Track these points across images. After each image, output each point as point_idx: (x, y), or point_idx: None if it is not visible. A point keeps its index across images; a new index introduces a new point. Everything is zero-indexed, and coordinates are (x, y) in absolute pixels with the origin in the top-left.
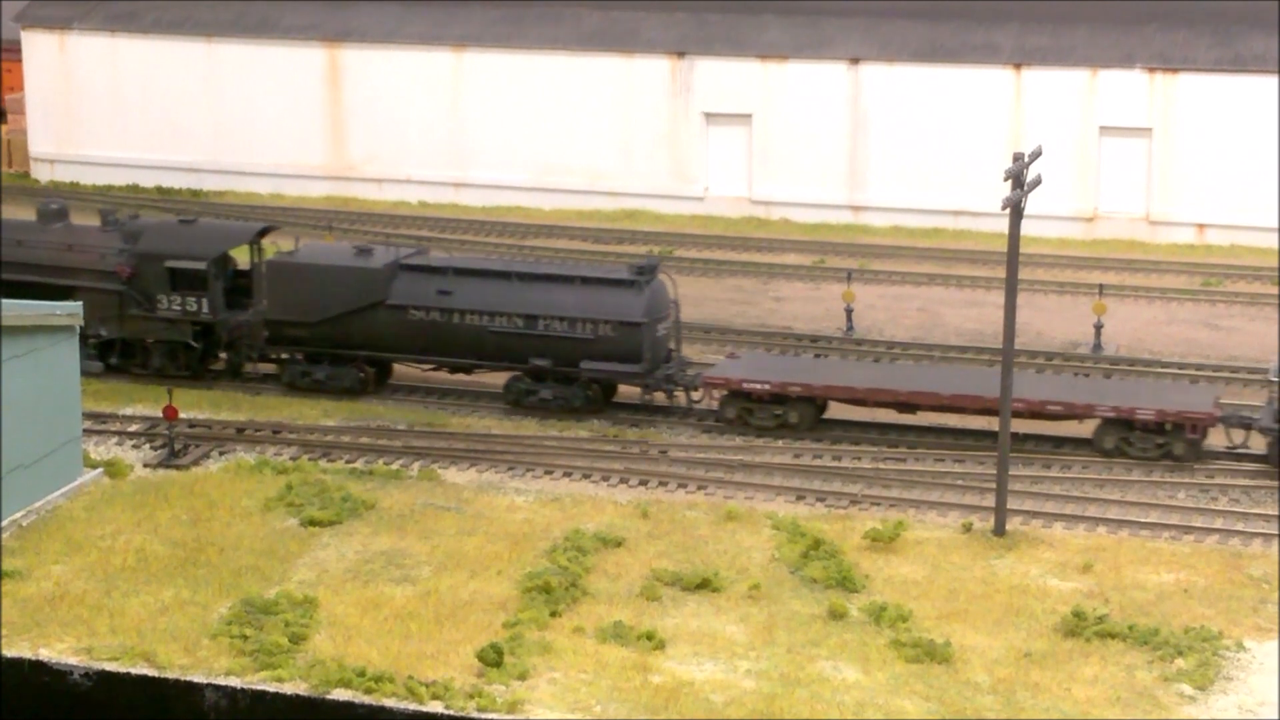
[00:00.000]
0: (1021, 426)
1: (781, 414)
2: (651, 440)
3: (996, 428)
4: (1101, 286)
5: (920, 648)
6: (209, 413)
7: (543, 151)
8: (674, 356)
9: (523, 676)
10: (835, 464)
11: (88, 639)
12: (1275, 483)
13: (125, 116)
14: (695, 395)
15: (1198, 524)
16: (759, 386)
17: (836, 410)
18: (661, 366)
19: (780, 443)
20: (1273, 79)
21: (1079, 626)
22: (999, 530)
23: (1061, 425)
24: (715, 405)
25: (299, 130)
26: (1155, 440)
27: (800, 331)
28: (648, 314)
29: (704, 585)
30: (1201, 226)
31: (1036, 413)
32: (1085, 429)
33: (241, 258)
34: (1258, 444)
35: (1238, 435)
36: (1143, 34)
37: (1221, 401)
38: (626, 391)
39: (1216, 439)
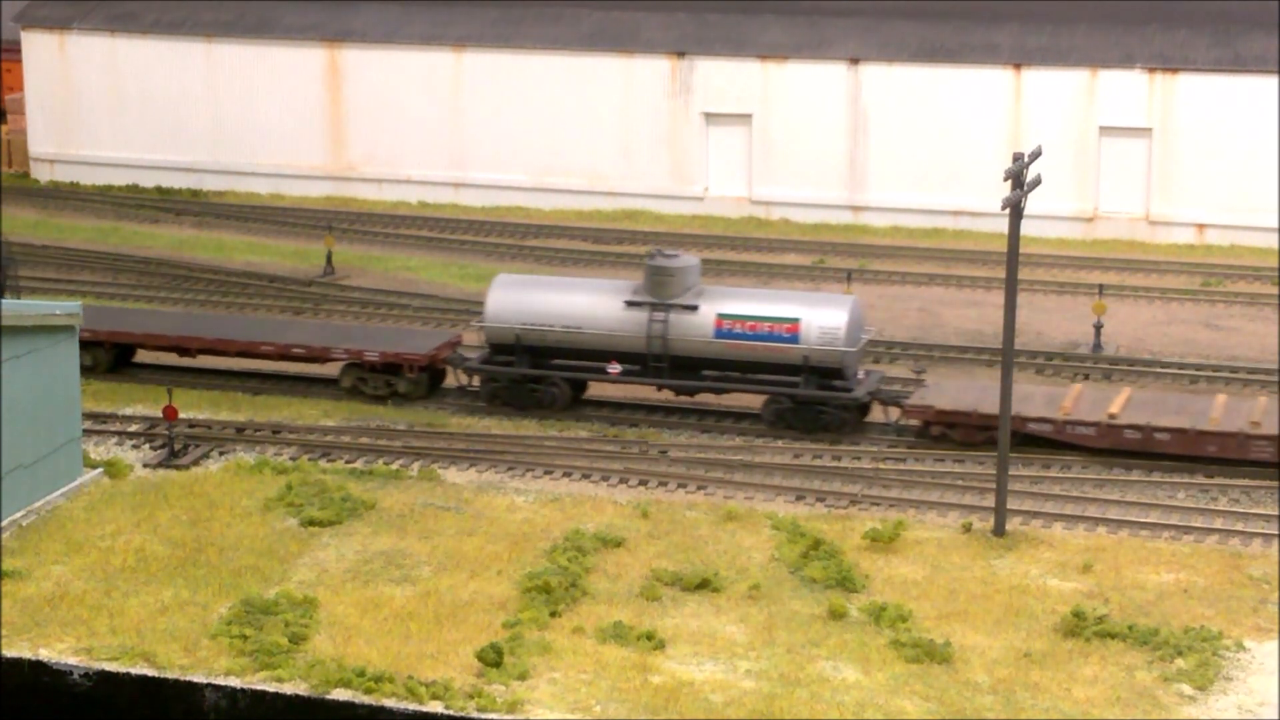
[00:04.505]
0: (272, 368)
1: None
2: (651, 440)
3: (255, 368)
4: (1101, 286)
5: (920, 648)
6: (209, 413)
7: (543, 151)
8: None
9: (523, 676)
10: (835, 464)
11: (88, 639)
12: (1275, 483)
13: (125, 116)
14: None
15: (1198, 524)
16: None
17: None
18: None
19: (780, 443)
20: (1273, 79)
21: (1079, 626)
22: (999, 530)
23: (314, 367)
24: None
25: (299, 130)
26: (385, 380)
27: None
28: None
29: (704, 585)
30: (1201, 226)
31: (283, 355)
32: (332, 370)
33: None
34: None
35: (464, 377)
36: (1143, 34)
37: (459, 345)
38: (617, 392)
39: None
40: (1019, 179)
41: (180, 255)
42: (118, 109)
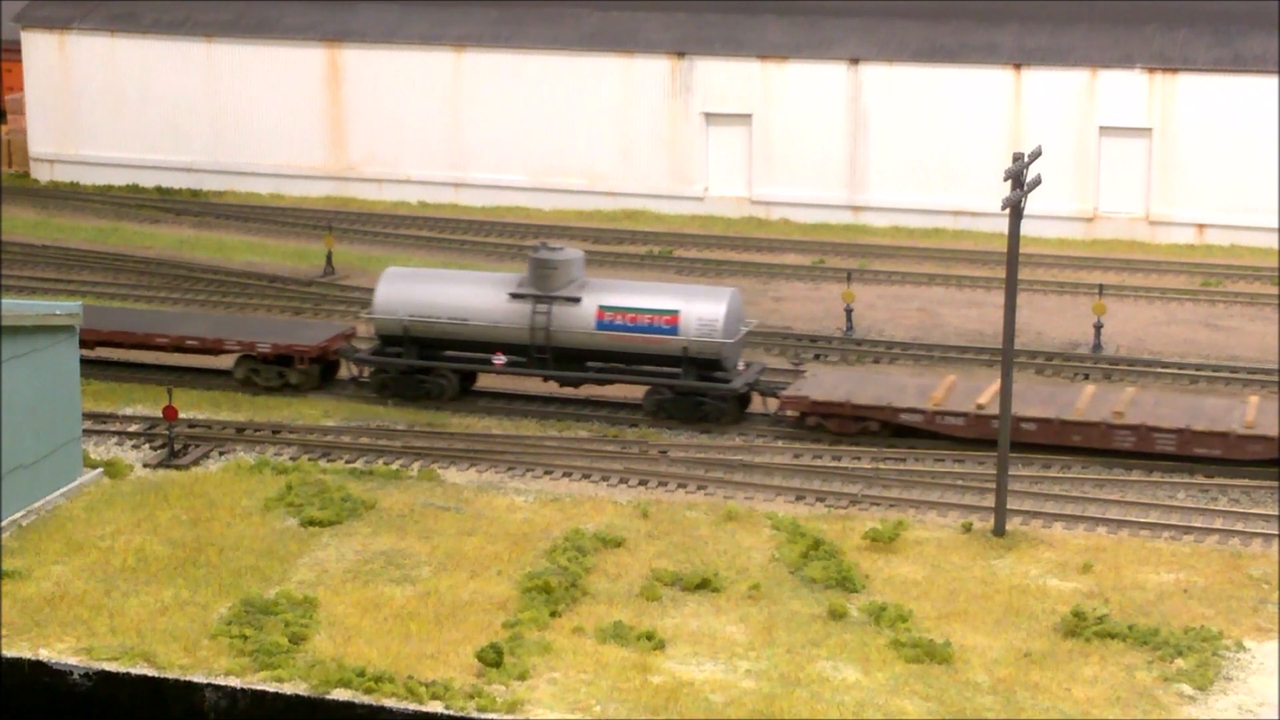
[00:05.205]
0: (170, 360)
1: None
2: (651, 440)
3: (153, 359)
4: (1101, 286)
5: (920, 648)
6: (209, 413)
7: (542, 152)
8: None
9: (523, 676)
10: (835, 464)
11: (88, 639)
12: (1275, 483)
13: (125, 116)
14: None
15: (1198, 524)
16: None
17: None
18: None
19: (780, 443)
20: (1273, 79)
21: (1079, 626)
22: (999, 530)
23: (209, 359)
24: None
25: (299, 130)
26: (277, 371)
27: (800, 332)
28: None
29: (704, 585)
30: (1201, 226)
31: (178, 347)
32: (228, 361)
33: None
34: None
35: (355, 368)
36: (1143, 34)
37: (352, 337)
38: (622, 393)
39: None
40: (1019, 179)
41: (180, 255)
42: (117, 109)
